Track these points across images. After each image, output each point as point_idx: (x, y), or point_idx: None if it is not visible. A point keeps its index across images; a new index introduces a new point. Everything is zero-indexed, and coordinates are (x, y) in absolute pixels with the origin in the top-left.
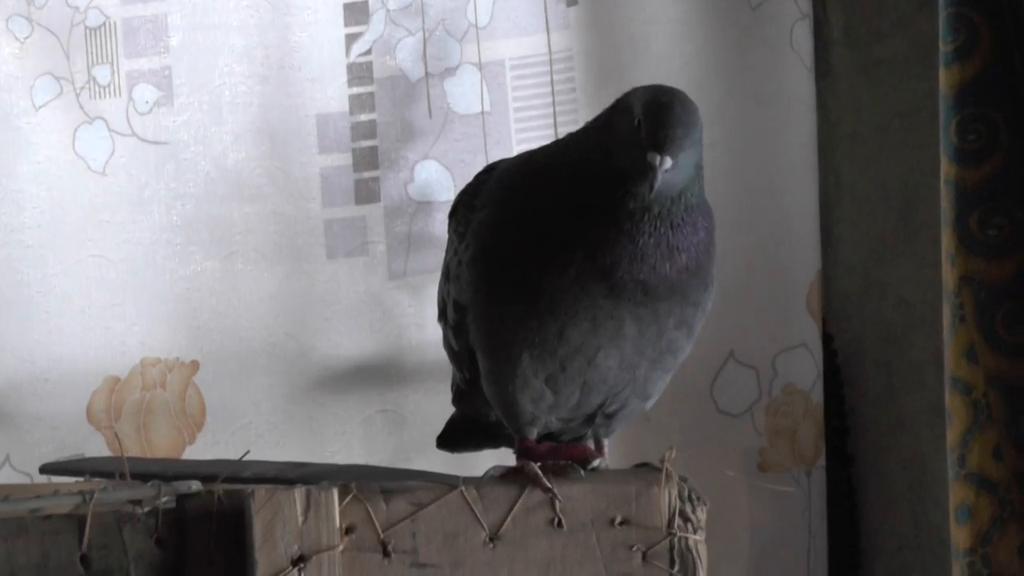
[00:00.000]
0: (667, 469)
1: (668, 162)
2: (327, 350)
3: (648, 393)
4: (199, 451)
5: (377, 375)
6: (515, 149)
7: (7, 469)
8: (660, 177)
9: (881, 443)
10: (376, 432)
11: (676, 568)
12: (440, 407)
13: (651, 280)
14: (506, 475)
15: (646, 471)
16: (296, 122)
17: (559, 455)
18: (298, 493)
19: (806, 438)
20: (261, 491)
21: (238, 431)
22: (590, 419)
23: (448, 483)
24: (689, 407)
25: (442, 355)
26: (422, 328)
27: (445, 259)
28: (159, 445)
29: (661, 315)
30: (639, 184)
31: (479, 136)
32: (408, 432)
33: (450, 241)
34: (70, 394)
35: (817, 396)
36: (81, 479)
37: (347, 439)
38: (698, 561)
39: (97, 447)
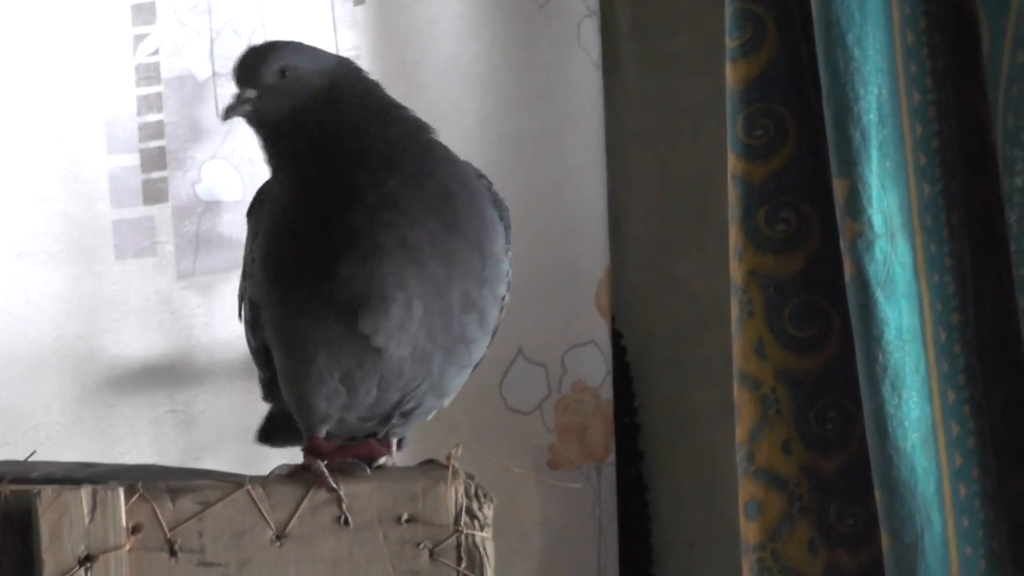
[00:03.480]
0: (453, 466)
1: (249, 92)
2: (116, 351)
3: (445, 390)
4: None
5: (166, 375)
6: None
7: None
8: (243, 107)
9: (672, 439)
10: (166, 432)
11: (463, 565)
12: (230, 406)
13: (410, 238)
14: (293, 473)
15: (433, 468)
16: (85, 123)
17: (346, 453)
18: (84, 493)
19: (596, 435)
20: (48, 491)
21: (28, 431)
22: (387, 418)
23: (234, 481)
24: (478, 404)
25: (231, 354)
26: (211, 328)
27: (244, 256)
28: None
29: (441, 285)
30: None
31: None
32: (198, 432)
33: (247, 237)
34: None
35: (607, 393)
36: None
37: (137, 439)
38: (485, 558)
39: None
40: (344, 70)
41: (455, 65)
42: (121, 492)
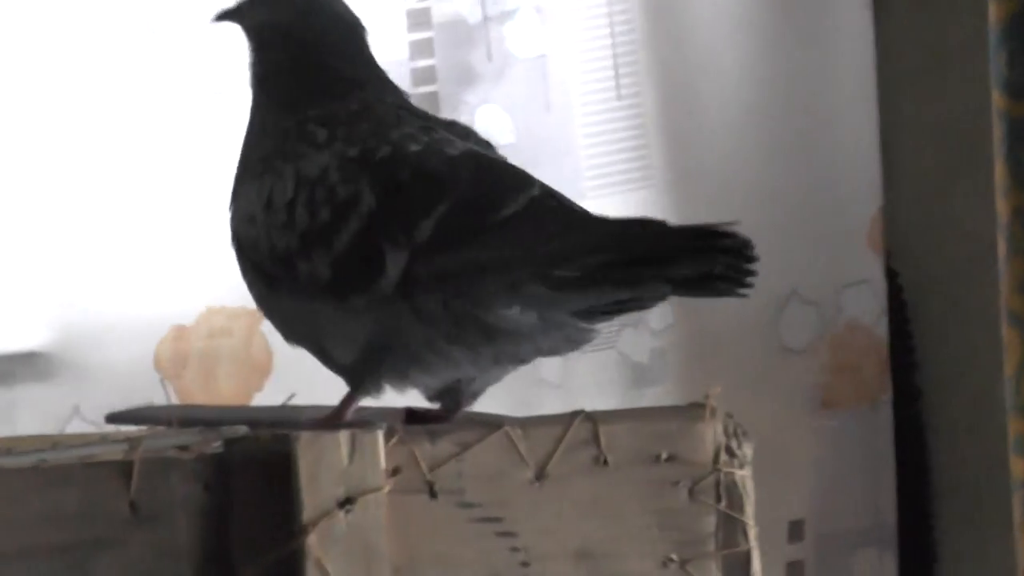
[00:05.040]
0: (711, 405)
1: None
2: None
3: None
4: (267, 398)
5: None
6: (576, 91)
7: (77, 420)
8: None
9: (950, 377)
10: None
11: (723, 503)
12: None
13: None
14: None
15: (691, 408)
16: None
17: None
18: (343, 436)
19: (870, 373)
20: (306, 435)
21: (304, 377)
22: None
23: (493, 422)
24: (753, 344)
25: None
26: None
27: None
28: (226, 393)
29: None
30: None
31: (539, 80)
32: None
33: None
34: (137, 344)
35: (881, 331)
36: (146, 428)
37: None
38: (745, 496)
39: (164, 396)
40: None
41: (723, 8)
42: (380, 435)
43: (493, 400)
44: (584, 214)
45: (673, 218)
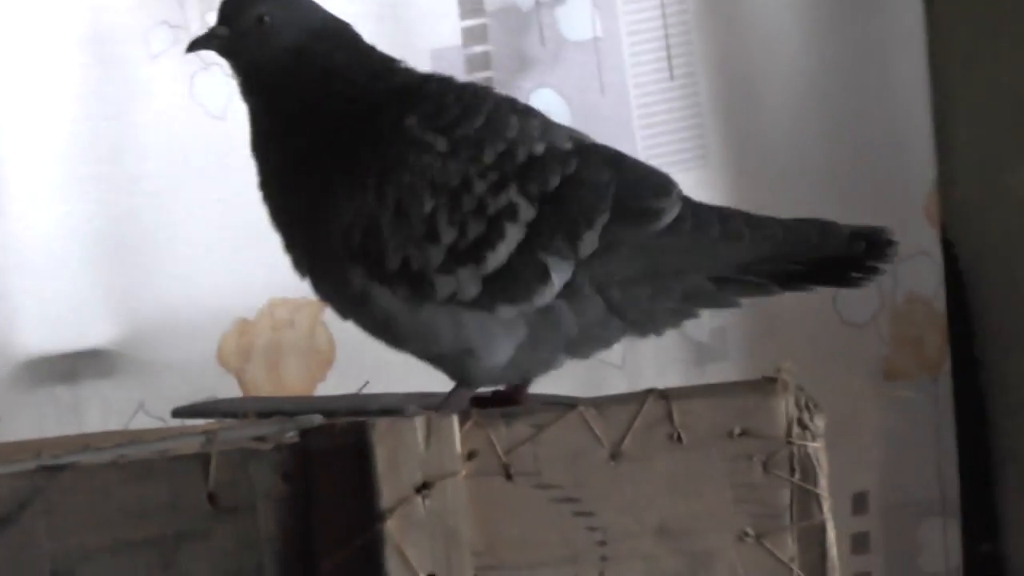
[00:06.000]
0: (783, 379)
1: (219, 29)
2: None
3: None
4: (330, 388)
5: None
6: (629, 74)
7: (141, 415)
8: (211, 42)
9: (1008, 347)
10: None
11: (797, 476)
12: None
13: None
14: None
15: (763, 382)
16: (410, 57)
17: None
18: (419, 421)
19: (931, 345)
20: (383, 421)
21: (367, 366)
22: None
23: (567, 403)
24: (814, 319)
25: None
26: None
27: None
28: (290, 385)
29: None
30: None
31: (593, 62)
32: None
33: None
34: (201, 338)
35: (940, 303)
36: (212, 421)
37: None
38: (818, 468)
39: (229, 389)
40: (331, 32)
41: None
42: (455, 419)
43: (556, 382)
44: (741, 214)
45: (730, 197)
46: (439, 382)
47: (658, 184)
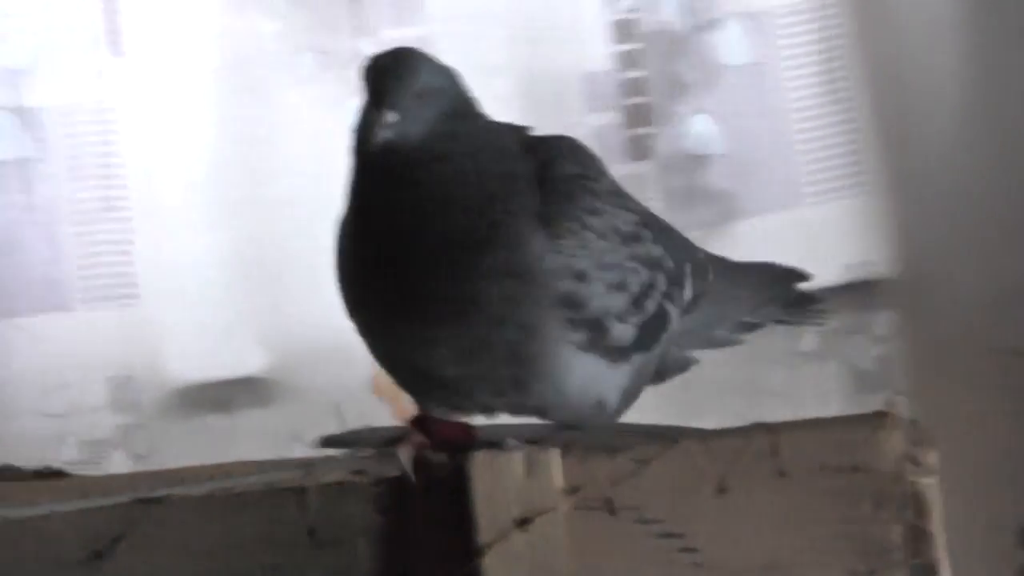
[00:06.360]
0: (893, 413)
1: (390, 116)
2: None
3: None
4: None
5: None
6: (787, 99)
7: (297, 445)
8: (383, 132)
9: None
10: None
11: (909, 513)
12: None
13: None
14: None
15: (873, 416)
16: (560, 81)
17: None
18: (518, 455)
19: None
20: (481, 454)
21: None
22: None
23: (670, 436)
24: (980, 347)
25: None
26: None
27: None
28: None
29: None
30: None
31: (750, 87)
32: (697, 387)
33: None
34: (355, 367)
35: None
36: (342, 452)
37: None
38: (932, 505)
39: (384, 418)
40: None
41: (932, 9)
42: (557, 452)
43: (715, 411)
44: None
45: (892, 222)
46: None
47: (682, 243)
